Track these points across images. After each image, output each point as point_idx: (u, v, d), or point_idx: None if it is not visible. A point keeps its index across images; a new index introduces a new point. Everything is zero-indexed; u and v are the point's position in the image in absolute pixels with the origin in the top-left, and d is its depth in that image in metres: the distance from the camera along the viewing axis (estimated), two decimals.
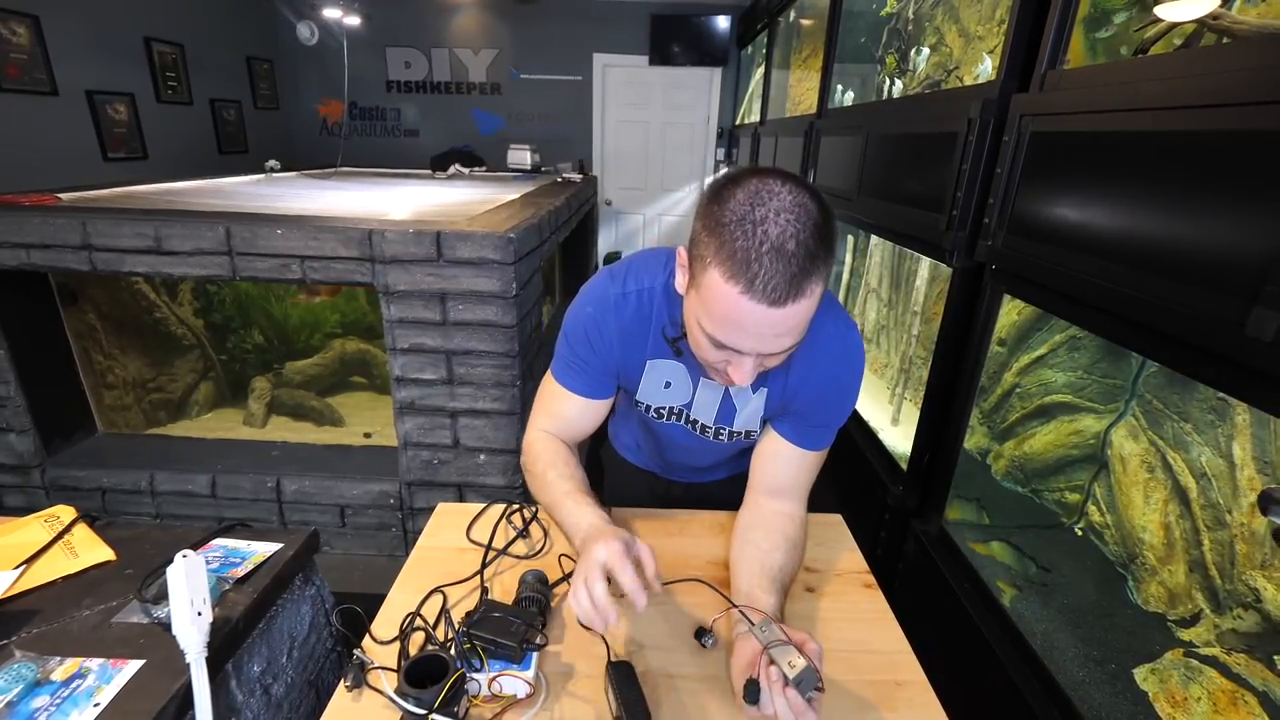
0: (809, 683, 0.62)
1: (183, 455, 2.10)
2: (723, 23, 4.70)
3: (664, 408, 0.91)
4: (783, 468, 0.89)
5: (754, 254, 0.59)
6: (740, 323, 0.63)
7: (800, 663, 0.63)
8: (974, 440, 1.36)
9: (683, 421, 0.93)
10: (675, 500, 1.14)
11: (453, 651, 0.69)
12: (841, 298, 2.61)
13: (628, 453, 1.15)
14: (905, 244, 1.62)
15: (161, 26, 3.67)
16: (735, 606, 0.75)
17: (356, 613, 0.79)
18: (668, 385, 0.89)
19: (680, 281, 0.73)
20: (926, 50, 1.84)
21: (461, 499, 1.99)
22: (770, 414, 0.89)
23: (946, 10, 1.75)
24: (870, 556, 0.99)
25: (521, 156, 4.28)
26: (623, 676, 0.70)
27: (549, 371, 0.93)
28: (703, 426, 0.92)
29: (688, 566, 0.92)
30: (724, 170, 5.09)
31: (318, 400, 2.46)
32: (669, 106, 5.06)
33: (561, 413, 0.92)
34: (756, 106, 3.88)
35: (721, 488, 1.11)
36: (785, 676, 0.62)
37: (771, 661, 0.64)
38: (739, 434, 0.91)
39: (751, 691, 0.64)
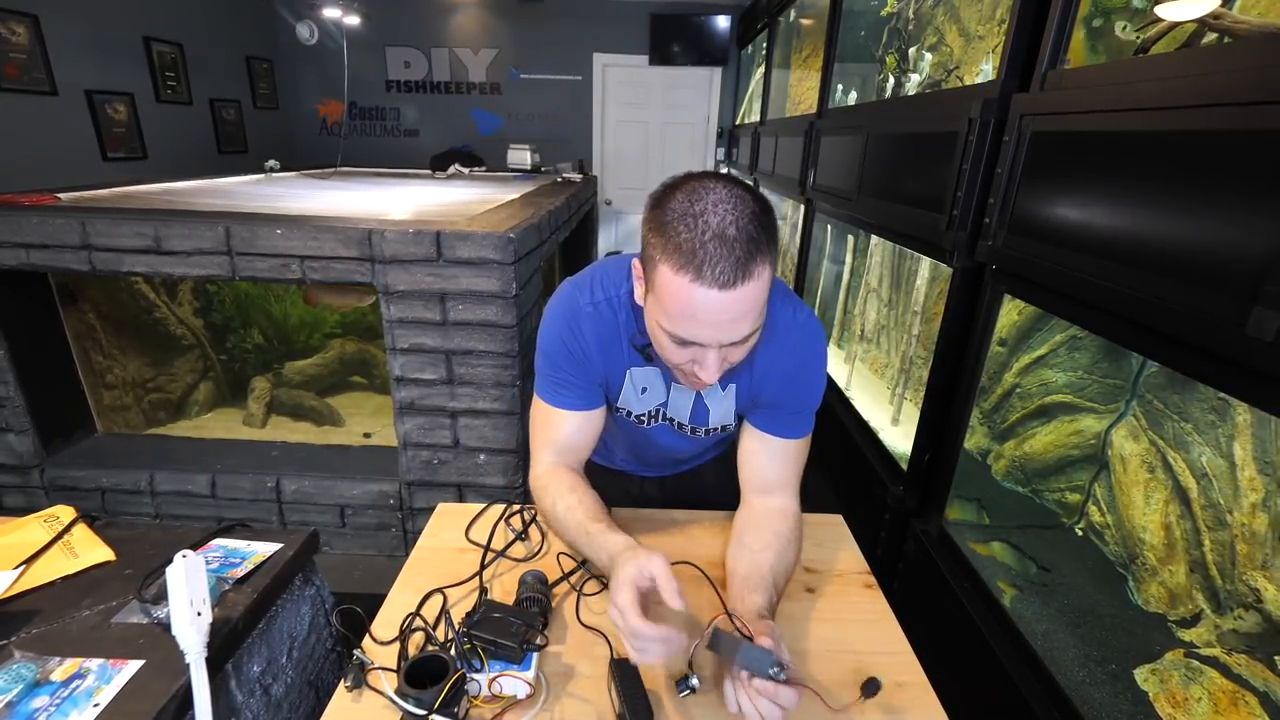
0: (761, 662, 0.61)
1: (182, 455, 2.10)
2: (723, 22, 4.70)
3: (644, 413, 0.93)
4: (767, 462, 0.89)
5: (698, 243, 0.63)
6: (695, 313, 0.65)
7: (747, 645, 0.62)
8: (974, 440, 1.36)
9: (662, 420, 0.94)
10: (651, 496, 1.16)
11: (453, 652, 0.69)
12: (841, 298, 2.61)
13: (595, 456, 1.15)
14: (905, 244, 1.62)
15: (161, 26, 3.66)
16: (728, 613, 0.72)
17: (356, 613, 0.79)
18: (644, 390, 0.90)
19: (639, 292, 0.74)
20: (928, 55, 1.84)
21: (461, 499, 1.99)
22: (742, 408, 0.91)
23: (947, 10, 1.75)
24: (870, 556, 0.99)
25: (521, 156, 4.27)
26: (626, 674, 0.70)
27: (536, 396, 0.91)
28: (679, 424, 0.94)
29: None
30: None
31: (317, 400, 2.46)
32: (669, 106, 5.06)
33: (561, 434, 0.90)
34: (756, 106, 3.88)
35: (696, 476, 1.14)
36: (749, 673, 0.62)
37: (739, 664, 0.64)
38: (715, 429, 0.94)
39: (714, 639, 0.64)
